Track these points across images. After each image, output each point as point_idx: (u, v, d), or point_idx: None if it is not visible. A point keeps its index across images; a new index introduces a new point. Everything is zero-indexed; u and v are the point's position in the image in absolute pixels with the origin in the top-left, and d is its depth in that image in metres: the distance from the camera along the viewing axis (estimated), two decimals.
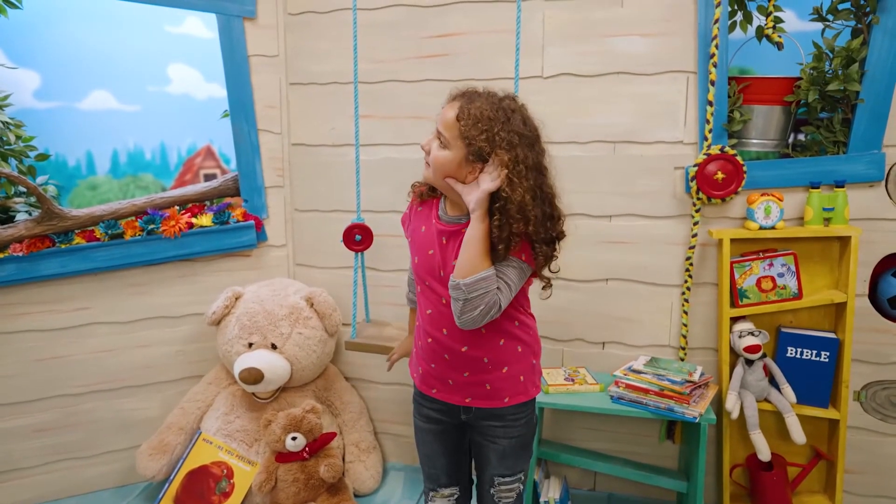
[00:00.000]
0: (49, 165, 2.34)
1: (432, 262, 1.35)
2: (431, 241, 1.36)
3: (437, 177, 1.31)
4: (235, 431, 2.15)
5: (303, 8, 2.30)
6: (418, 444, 1.54)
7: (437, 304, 1.36)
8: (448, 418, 1.46)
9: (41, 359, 2.19)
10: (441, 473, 1.52)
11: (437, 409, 1.46)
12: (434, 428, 1.49)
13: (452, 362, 1.37)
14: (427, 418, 1.49)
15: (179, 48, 2.49)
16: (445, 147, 1.27)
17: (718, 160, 1.94)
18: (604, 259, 2.15)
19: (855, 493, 2.06)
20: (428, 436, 1.50)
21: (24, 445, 2.21)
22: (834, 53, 1.92)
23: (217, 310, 2.20)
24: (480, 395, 1.39)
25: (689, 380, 1.88)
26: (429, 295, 1.38)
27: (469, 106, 1.25)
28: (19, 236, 2.08)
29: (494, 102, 1.26)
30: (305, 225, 2.46)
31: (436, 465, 1.52)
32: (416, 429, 1.53)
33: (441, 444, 1.50)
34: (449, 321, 1.32)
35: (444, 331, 1.35)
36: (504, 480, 1.47)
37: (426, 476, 1.56)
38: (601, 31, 2.03)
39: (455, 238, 1.33)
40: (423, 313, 1.40)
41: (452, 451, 1.52)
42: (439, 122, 1.29)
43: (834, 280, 1.99)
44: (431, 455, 1.52)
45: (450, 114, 1.27)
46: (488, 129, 1.22)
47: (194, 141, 2.59)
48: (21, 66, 2.24)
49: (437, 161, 1.28)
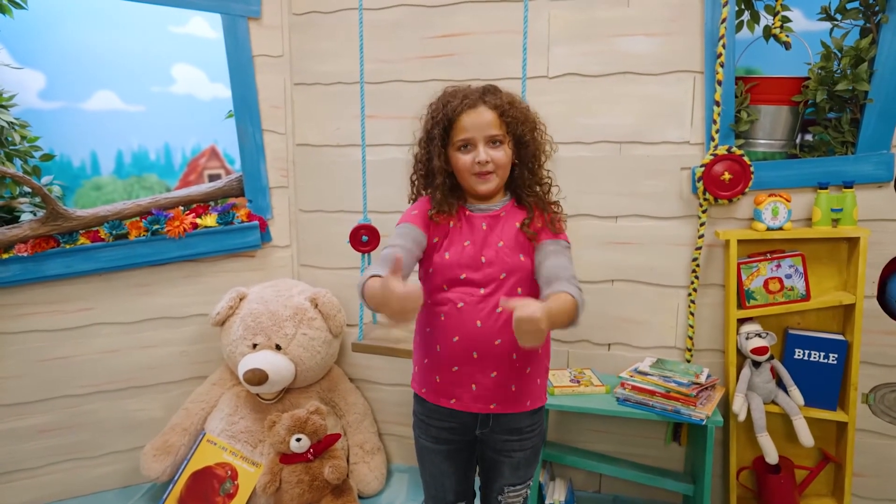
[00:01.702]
0: (54, 166, 2.34)
1: (469, 252, 1.32)
2: (466, 233, 1.34)
3: (506, 175, 1.35)
4: (240, 432, 2.15)
5: (307, 8, 2.30)
6: (423, 465, 1.48)
7: (472, 296, 1.30)
8: (461, 436, 1.40)
9: (46, 359, 2.19)
10: (448, 492, 1.48)
11: (448, 428, 1.40)
12: (444, 448, 1.42)
13: (481, 360, 1.31)
14: (436, 439, 1.42)
15: (184, 48, 2.48)
16: (502, 144, 1.32)
17: (725, 161, 1.92)
18: (609, 260, 2.14)
19: (864, 496, 2.04)
20: (437, 457, 1.44)
21: (29, 446, 2.21)
22: (842, 53, 1.90)
23: (221, 311, 2.20)
24: (506, 399, 1.33)
25: (695, 382, 1.87)
26: (461, 290, 1.32)
27: (497, 101, 1.32)
28: (24, 237, 2.08)
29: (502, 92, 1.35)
30: (310, 225, 2.45)
31: (443, 486, 1.47)
32: (423, 450, 1.46)
33: (451, 464, 1.44)
34: (485, 313, 1.29)
35: (479, 323, 1.30)
36: (514, 489, 1.45)
37: (430, 496, 1.51)
38: (607, 30, 2.02)
39: (496, 222, 1.34)
40: (451, 312, 1.32)
41: (462, 469, 1.47)
42: (481, 129, 1.30)
43: (842, 281, 1.97)
44: (438, 475, 1.46)
45: (489, 115, 1.30)
46: (524, 115, 1.33)
47: (199, 141, 2.59)
48: (26, 67, 2.25)
49: (502, 161, 1.32)
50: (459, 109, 1.31)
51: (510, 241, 1.33)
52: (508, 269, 1.31)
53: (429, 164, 1.37)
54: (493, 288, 1.30)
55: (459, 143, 1.32)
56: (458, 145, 1.32)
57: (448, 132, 1.33)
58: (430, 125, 1.36)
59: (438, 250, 1.35)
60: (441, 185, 1.35)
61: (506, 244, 1.32)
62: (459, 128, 1.31)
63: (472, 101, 1.31)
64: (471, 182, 1.33)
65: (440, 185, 1.35)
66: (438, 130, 1.33)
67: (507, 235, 1.33)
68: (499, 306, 1.27)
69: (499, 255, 1.31)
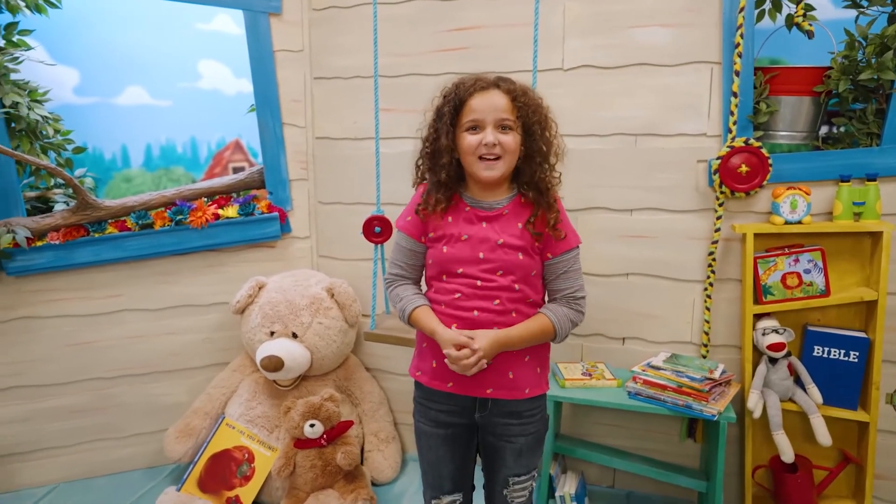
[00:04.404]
0: (87, 158, 2.44)
1: (467, 247, 1.33)
2: (463, 227, 1.35)
3: (512, 164, 1.33)
4: (257, 417, 2.21)
5: (326, 3, 2.34)
6: (422, 451, 1.49)
7: (470, 287, 1.33)
8: (459, 419, 1.41)
9: (75, 343, 2.29)
10: (446, 481, 1.47)
11: (447, 411, 1.41)
12: (443, 433, 1.43)
13: None
14: (435, 422, 1.43)
15: (209, 45, 2.56)
16: (512, 130, 1.30)
17: (742, 153, 1.89)
18: (624, 253, 2.12)
19: (886, 499, 1.98)
20: (435, 441, 1.44)
21: (60, 426, 2.32)
22: (867, 41, 1.84)
23: (241, 299, 2.26)
24: (502, 385, 1.35)
25: (709, 377, 1.84)
26: (458, 282, 1.34)
27: (511, 86, 1.32)
28: (56, 225, 2.18)
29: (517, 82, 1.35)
30: (328, 217, 2.50)
31: (441, 473, 1.47)
32: (421, 434, 1.47)
33: (449, 449, 1.45)
34: (483, 301, 1.31)
35: (476, 312, 1.32)
36: (518, 480, 1.45)
37: (428, 485, 1.51)
38: (622, 22, 2.01)
39: (496, 220, 1.34)
40: (449, 300, 1.35)
41: (460, 456, 1.47)
42: (491, 111, 1.29)
43: (865, 277, 1.91)
44: (436, 462, 1.47)
45: (501, 99, 1.29)
46: (536, 105, 1.33)
47: (223, 135, 2.66)
48: (61, 64, 2.35)
49: (511, 147, 1.30)
50: (472, 90, 1.31)
51: (511, 239, 1.33)
52: (506, 267, 1.32)
53: (436, 143, 1.34)
54: (489, 282, 1.32)
55: (468, 125, 1.30)
56: (466, 126, 1.31)
57: (458, 113, 1.32)
58: (440, 104, 1.35)
59: (436, 243, 1.36)
60: (447, 164, 1.33)
61: (506, 242, 1.32)
62: (469, 108, 1.30)
63: (486, 84, 1.32)
64: (475, 167, 1.31)
65: (445, 165, 1.33)
66: (448, 108, 1.32)
67: (507, 234, 1.33)
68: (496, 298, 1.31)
69: (497, 253, 1.32)
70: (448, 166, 1.33)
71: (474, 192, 1.38)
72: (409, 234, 1.40)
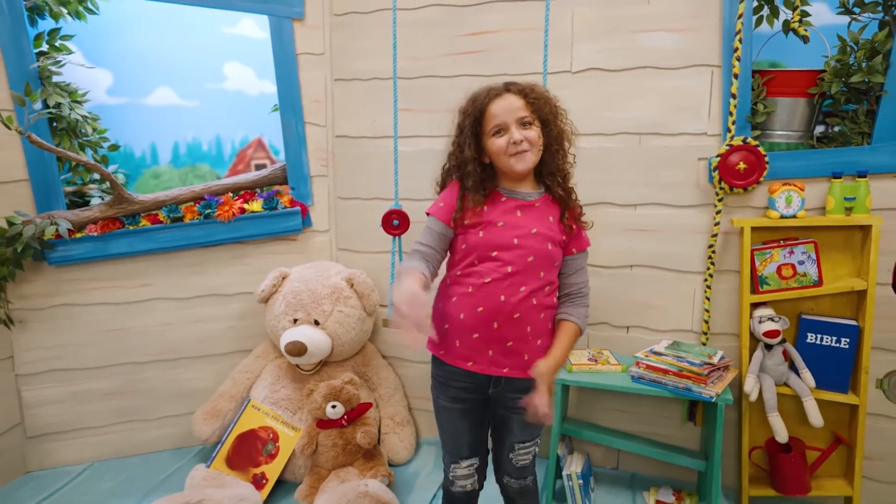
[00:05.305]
0: (118, 155, 2.58)
1: (502, 233, 1.46)
2: (500, 215, 1.48)
3: (539, 153, 1.48)
4: (281, 400, 2.34)
5: (347, 9, 2.47)
6: (441, 423, 1.63)
7: (498, 272, 1.45)
8: (475, 395, 1.55)
9: (110, 329, 2.43)
10: (464, 448, 1.62)
11: (464, 388, 1.54)
12: (461, 407, 1.56)
13: (501, 330, 1.45)
14: (454, 399, 1.56)
15: (234, 48, 2.68)
16: (531, 124, 1.45)
17: (741, 151, 2.00)
18: (629, 246, 2.24)
19: (875, 479, 2.09)
20: (454, 414, 1.58)
21: (94, 407, 2.46)
22: (858, 46, 1.95)
23: (265, 288, 2.39)
24: (518, 365, 1.48)
25: (708, 362, 1.96)
26: (489, 265, 1.46)
27: (521, 87, 1.47)
28: (94, 218, 2.32)
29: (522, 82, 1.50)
30: (347, 212, 2.63)
31: (459, 442, 1.62)
32: (441, 409, 1.61)
33: (467, 421, 1.59)
34: (511, 289, 1.44)
35: (502, 297, 1.44)
36: (524, 445, 1.59)
37: (447, 451, 1.66)
38: (629, 27, 2.13)
39: (529, 210, 1.49)
40: (478, 284, 1.45)
41: (476, 426, 1.61)
42: (511, 112, 1.44)
43: (856, 269, 2.03)
44: (455, 432, 1.61)
45: (516, 101, 1.45)
46: (545, 97, 1.48)
47: (247, 134, 2.79)
48: (97, 66, 2.48)
49: (534, 139, 1.45)
50: (488, 100, 1.46)
51: (543, 229, 1.47)
52: (536, 254, 1.46)
53: (461, 155, 1.50)
54: (520, 267, 1.45)
55: (493, 130, 1.46)
56: (491, 132, 1.46)
57: (480, 123, 1.48)
58: (461, 120, 1.51)
59: (473, 229, 1.49)
60: (472, 172, 1.48)
61: (539, 231, 1.47)
62: (490, 115, 1.46)
63: (498, 91, 1.47)
64: (508, 163, 1.46)
65: (471, 173, 1.49)
66: (469, 122, 1.48)
67: (540, 224, 1.48)
68: (523, 285, 1.45)
69: (530, 241, 1.46)
70: (474, 173, 1.49)
71: (508, 184, 1.53)
72: (439, 219, 1.52)
